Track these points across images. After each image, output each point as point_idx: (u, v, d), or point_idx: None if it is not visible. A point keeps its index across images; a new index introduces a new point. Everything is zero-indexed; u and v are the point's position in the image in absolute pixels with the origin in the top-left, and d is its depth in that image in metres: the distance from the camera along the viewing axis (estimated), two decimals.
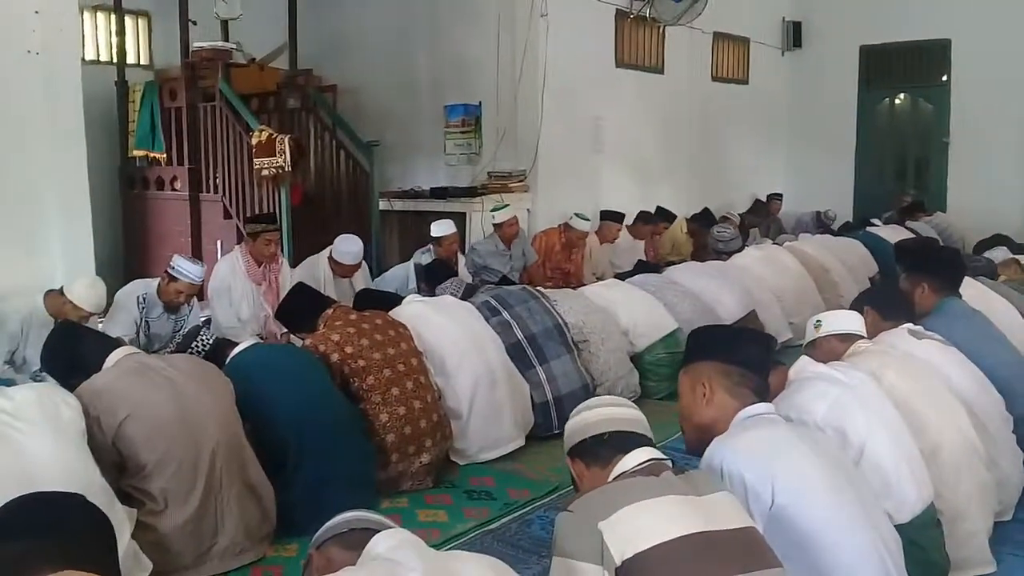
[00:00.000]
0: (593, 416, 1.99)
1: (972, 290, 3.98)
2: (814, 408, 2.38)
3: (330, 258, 5.64)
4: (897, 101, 10.96)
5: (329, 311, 3.67)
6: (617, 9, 8.41)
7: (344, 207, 7.65)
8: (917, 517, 2.36)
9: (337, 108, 8.21)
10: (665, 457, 1.90)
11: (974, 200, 9.49)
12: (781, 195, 10.19)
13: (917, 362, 2.92)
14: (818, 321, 3.08)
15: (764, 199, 10.15)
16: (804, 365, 2.57)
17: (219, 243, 6.88)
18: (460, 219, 7.28)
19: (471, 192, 7.60)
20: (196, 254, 6.55)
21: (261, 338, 4.88)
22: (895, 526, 2.25)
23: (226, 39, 7.79)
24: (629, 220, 7.91)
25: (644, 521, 1.61)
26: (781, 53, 10.99)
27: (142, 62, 8.89)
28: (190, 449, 2.75)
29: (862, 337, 3.02)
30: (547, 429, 4.07)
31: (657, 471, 1.80)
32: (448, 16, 8.11)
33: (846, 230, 8.50)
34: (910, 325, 3.21)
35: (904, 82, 10.69)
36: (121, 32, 7.71)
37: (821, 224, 9.50)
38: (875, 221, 8.90)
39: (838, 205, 10.10)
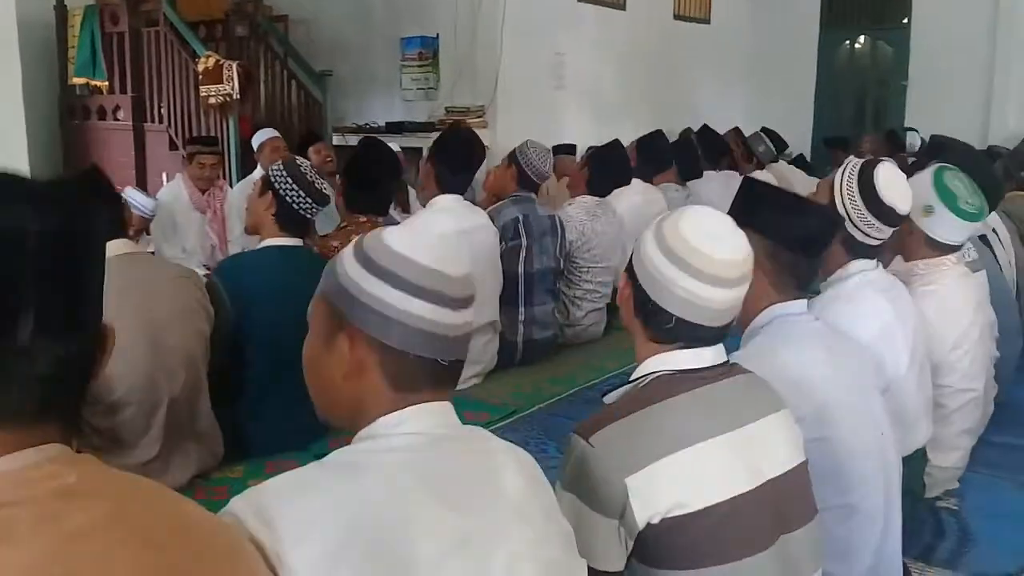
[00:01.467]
0: (691, 286, 1.42)
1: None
2: (866, 326, 2.20)
3: None
4: (857, 44, 10.92)
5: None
6: None
7: (296, 139, 7.40)
8: (912, 453, 2.34)
9: (289, 38, 7.90)
10: (725, 359, 1.52)
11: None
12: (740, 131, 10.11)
13: (974, 306, 2.71)
14: (930, 207, 2.50)
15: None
16: (867, 264, 2.30)
17: (164, 175, 6.59)
18: (417, 154, 7.08)
19: (428, 127, 7.39)
20: (141, 186, 6.27)
21: (208, 268, 4.69)
22: None
23: None
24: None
25: (679, 481, 1.36)
26: None
27: None
28: (149, 395, 2.62)
29: (954, 251, 2.63)
30: (507, 364, 4.03)
31: (712, 378, 1.48)
32: None
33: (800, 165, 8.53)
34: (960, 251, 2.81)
35: (864, 24, 10.63)
36: None
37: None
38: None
39: (797, 146, 10.07)
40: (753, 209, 1.87)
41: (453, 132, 4.10)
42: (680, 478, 1.35)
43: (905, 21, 10.16)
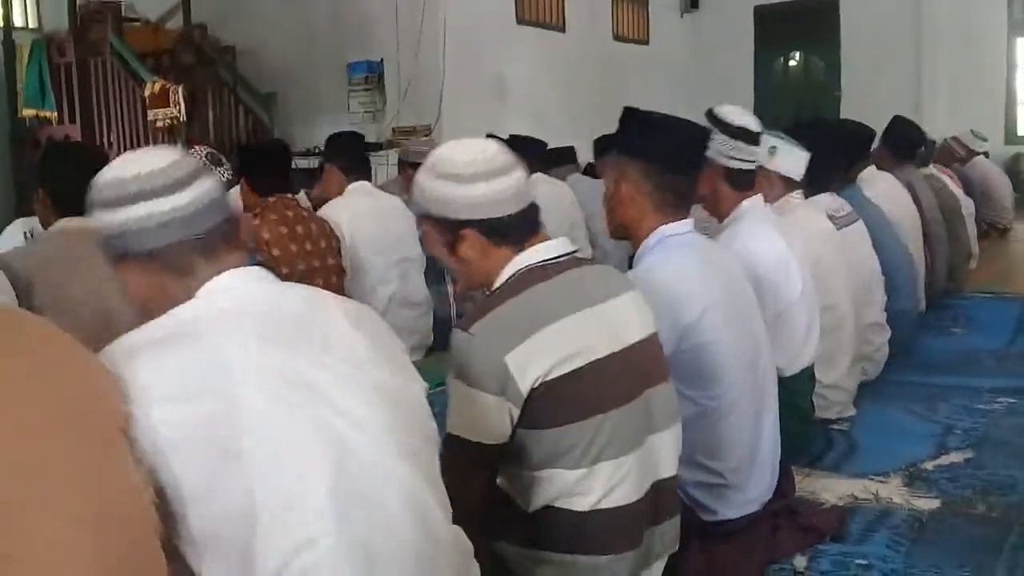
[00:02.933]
0: (489, 187, 1.55)
1: (882, 185, 4.05)
2: (764, 255, 2.40)
3: None
4: (791, 61, 11.35)
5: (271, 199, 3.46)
6: None
7: None
8: (798, 373, 2.52)
9: (237, 67, 8.10)
10: (570, 250, 1.65)
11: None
12: None
13: (833, 242, 2.98)
14: (774, 147, 2.73)
15: None
16: (757, 202, 2.52)
17: None
18: None
19: (375, 147, 7.59)
20: None
21: None
22: (783, 378, 2.37)
23: None
24: None
25: (551, 350, 1.50)
26: (680, 15, 11.24)
27: (31, 25, 8.61)
28: None
29: (799, 187, 2.90)
30: (445, 341, 4.15)
31: (566, 266, 1.62)
32: None
33: None
34: (830, 200, 3.23)
35: (797, 41, 11.06)
36: None
37: None
38: None
39: None
40: (627, 136, 2.05)
41: (338, 135, 4.32)
42: (552, 347, 1.49)
43: (835, 37, 10.60)
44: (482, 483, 1.59)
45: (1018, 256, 6.46)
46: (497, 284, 1.61)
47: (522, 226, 1.59)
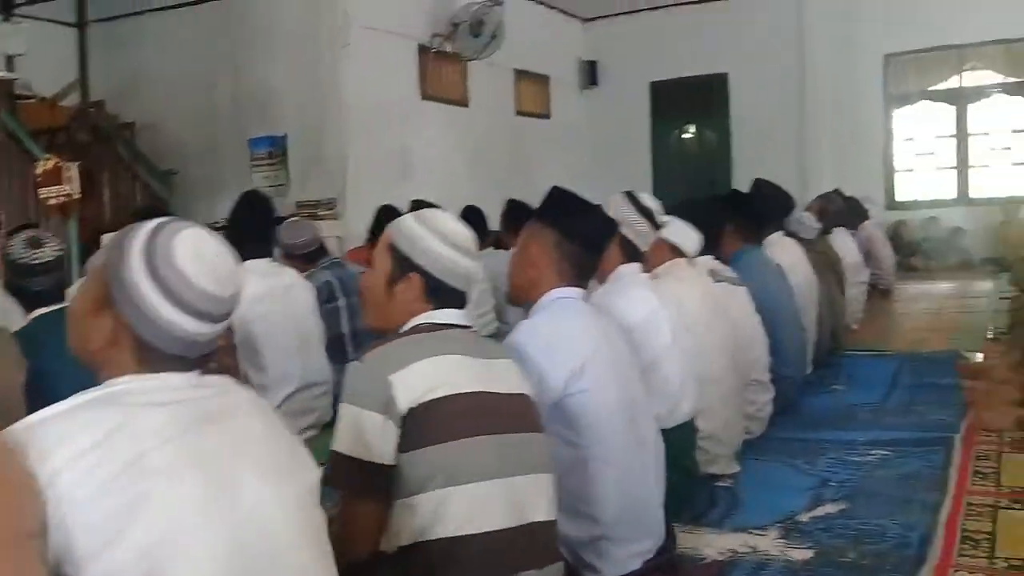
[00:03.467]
0: (458, 260, 1.80)
1: (787, 253, 4.32)
2: (634, 311, 2.58)
3: None
4: (685, 134, 11.86)
5: None
6: (419, 43, 8.70)
7: None
8: (679, 425, 2.64)
9: (136, 143, 8.03)
10: (469, 325, 1.88)
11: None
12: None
13: (717, 303, 3.18)
14: (666, 221, 2.97)
15: None
16: (633, 268, 2.71)
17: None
18: None
19: (279, 221, 7.57)
20: None
21: None
22: (664, 429, 2.49)
23: (10, 72, 7.49)
24: None
25: (432, 375, 1.67)
26: (579, 90, 11.66)
27: None
28: None
29: (686, 256, 3.14)
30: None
31: (459, 332, 1.83)
32: (248, 49, 8.13)
33: None
34: (713, 263, 3.44)
35: (691, 114, 11.59)
36: None
37: None
38: None
39: None
40: (549, 208, 2.28)
41: (241, 201, 3.99)
42: (432, 374, 1.68)
43: (725, 109, 11.15)
44: (374, 512, 1.64)
45: (897, 316, 6.81)
46: (402, 329, 1.81)
47: (453, 298, 1.82)
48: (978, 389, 3.88)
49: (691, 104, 11.42)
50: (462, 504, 1.61)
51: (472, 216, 6.13)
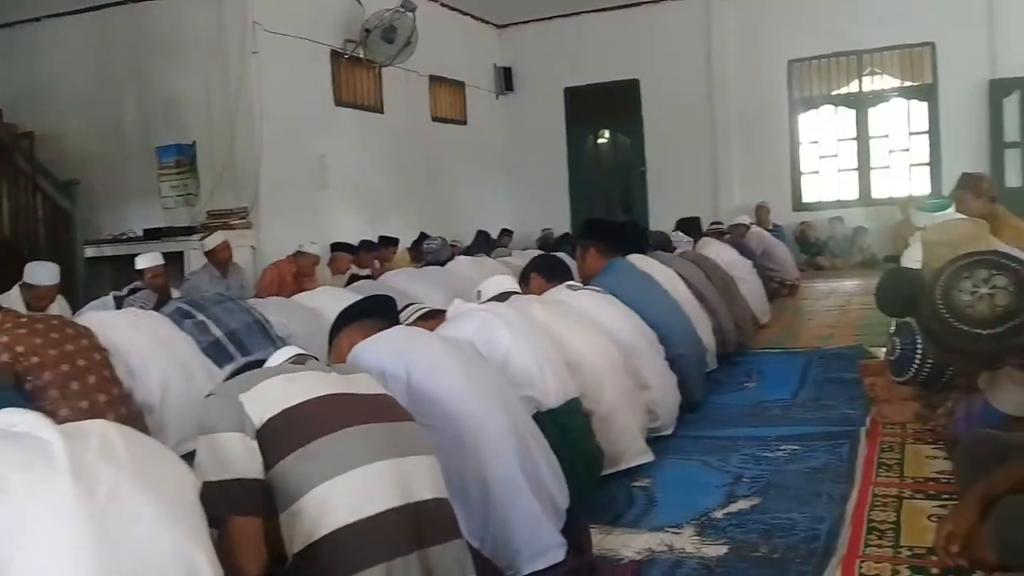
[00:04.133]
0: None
1: (643, 261, 4.51)
2: (464, 328, 2.66)
3: (22, 285, 5.27)
4: (601, 139, 12.04)
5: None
6: (332, 49, 8.61)
7: (44, 252, 7.17)
8: (562, 405, 2.67)
9: (36, 154, 7.72)
10: (313, 356, 2.02)
11: (672, 219, 10.60)
12: (511, 231, 10.75)
13: (563, 304, 3.30)
14: (479, 291, 3.33)
15: (487, 232, 10.65)
16: (458, 305, 2.82)
17: None
18: (178, 258, 7.08)
19: (189, 231, 7.41)
20: None
21: None
22: (546, 411, 2.59)
23: None
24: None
25: (285, 388, 1.73)
26: (495, 96, 11.73)
27: None
28: None
29: (518, 292, 3.33)
30: None
31: (303, 361, 1.98)
32: (154, 56, 7.94)
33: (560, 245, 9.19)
34: (570, 282, 3.63)
35: (605, 119, 11.77)
36: None
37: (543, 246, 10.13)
38: None
39: (558, 230, 10.82)
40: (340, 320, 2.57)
41: None
42: (284, 388, 1.74)
43: (637, 114, 11.36)
44: (251, 527, 1.62)
45: (804, 312, 7.03)
46: None
47: None
48: (879, 384, 4.02)
49: (605, 109, 11.61)
50: (343, 495, 1.63)
51: None
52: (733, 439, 3.50)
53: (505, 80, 11.69)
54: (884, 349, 5.12)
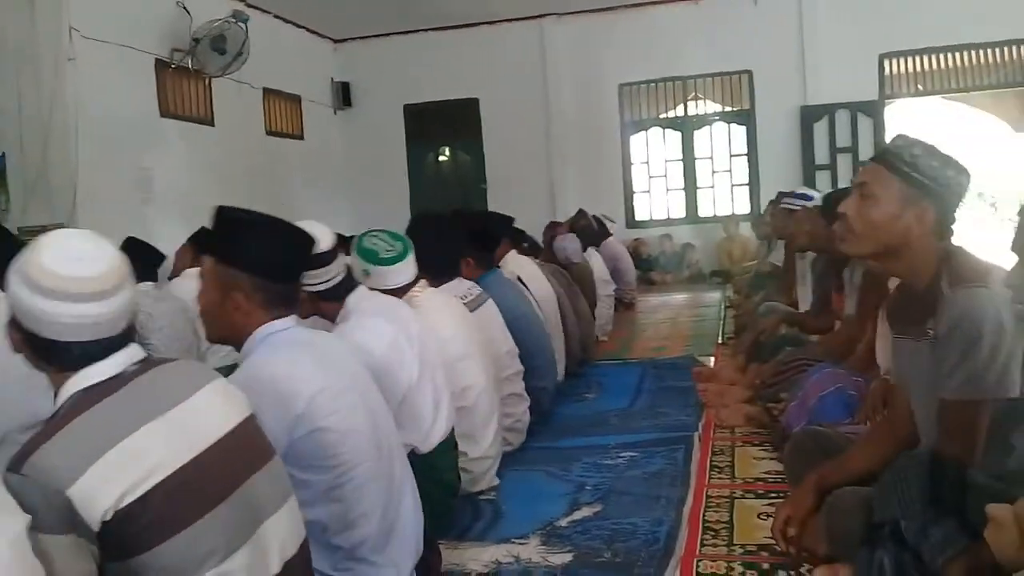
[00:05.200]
0: (65, 310, 1.44)
1: (523, 267, 4.54)
2: (373, 347, 2.46)
3: None
4: (442, 157, 12.07)
5: None
6: (157, 58, 8.20)
7: None
8: (439, 445, 2.61)
9: None
10: (142, 356, 1.56)
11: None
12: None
13: (463, 320, 3.18)
14: (364, 271, 2.86)
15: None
16: (362, 296, 2.59)
17: None
18: None
19: None
20: None
21: None
22: (421, 455, 2.52)
23: None
24: None
25: (118, 476, 1.36)
26: (333, 112, 11.53)
27: None
28: None
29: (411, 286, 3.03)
30: None
31: (133, 375, 1.51)
32: None
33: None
34: (458, 287, 3.47)
35: (445, 137, 11.82)
36: None
37: None
38: None
39: None
40: (229, 244, 1.95)
41: None
42: (120, 473, 1.36)
43: (478, 132, 11.48)
44: None
45: (640, 326, 7.28)
46: (54, 413, 1.48)
47: (93, 351, 1.48)
48: (711, 390, 4.21)
49: (445, 127, 11.65)
50: None
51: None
52: (575, 449, 3.57)
53: (343, 95, 11.52)
54: (712, 358, 5.40)
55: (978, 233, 10.90)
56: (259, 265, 1.95)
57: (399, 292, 2.90)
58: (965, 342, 1.88)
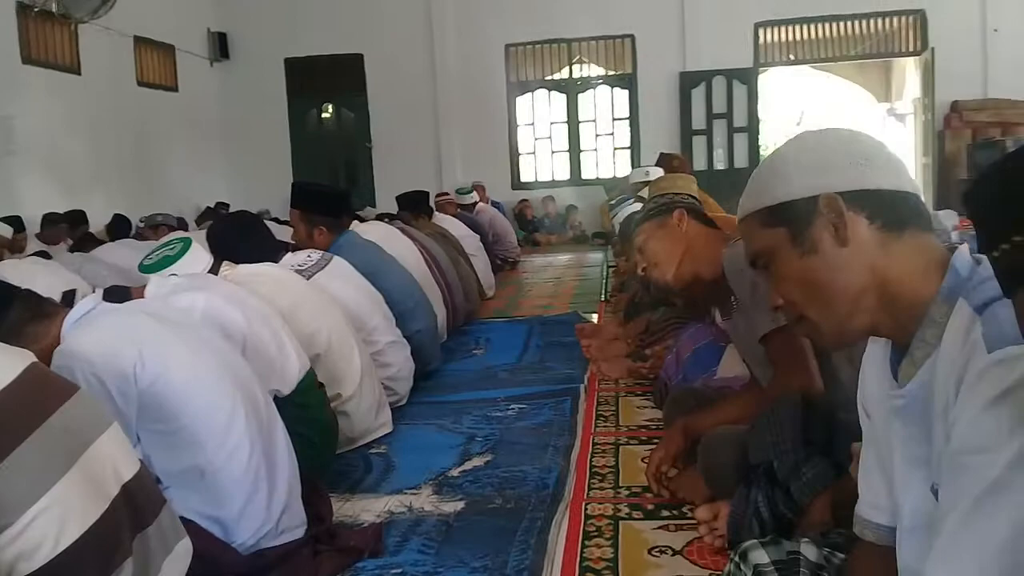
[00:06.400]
0: None
1: (377, 230, 4.51)
2: (193, 304, 2.43)
3: None
4: (325, 113, 11.81)
5: None
6: (18, 1, 7.68)
7: None
8: (299, 384, 2.59)
9: None
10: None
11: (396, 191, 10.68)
12: (228, 204, 10.24)
13: (283, 277, 3.13)
14: (174, 275, 2.72)
15: (213, 206, 10.10)
16: (158, 283, 2.56)
17: None
18: None
19: None
20: None
21: None
22: (286, 397, 2.48)
23: None
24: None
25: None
26: (210, 63, 11.10)
27: None
28: None
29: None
30: None
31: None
32: None
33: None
34: (291, 259, 3.43)
35: (328, 93, 11.55)
36: None
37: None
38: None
39: (280, 205, 10.48)
40: None
41: None
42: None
43: (362, 90, 11.27)
44: None
45: (525, 285, 7.40)
46: None
47: None
48: (594, 345, 4.34)
49: (328, 83, 11.40)
50: (41, 527, 1.42)
51: None
52: (465, 402, 3.62)
53: (220, 46, 11.10)
54: (595, 315, 5.56)
55: None
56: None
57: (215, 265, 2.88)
58: (749, 285, 2.14)
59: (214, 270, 2.84)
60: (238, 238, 3.21)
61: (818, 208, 1.10)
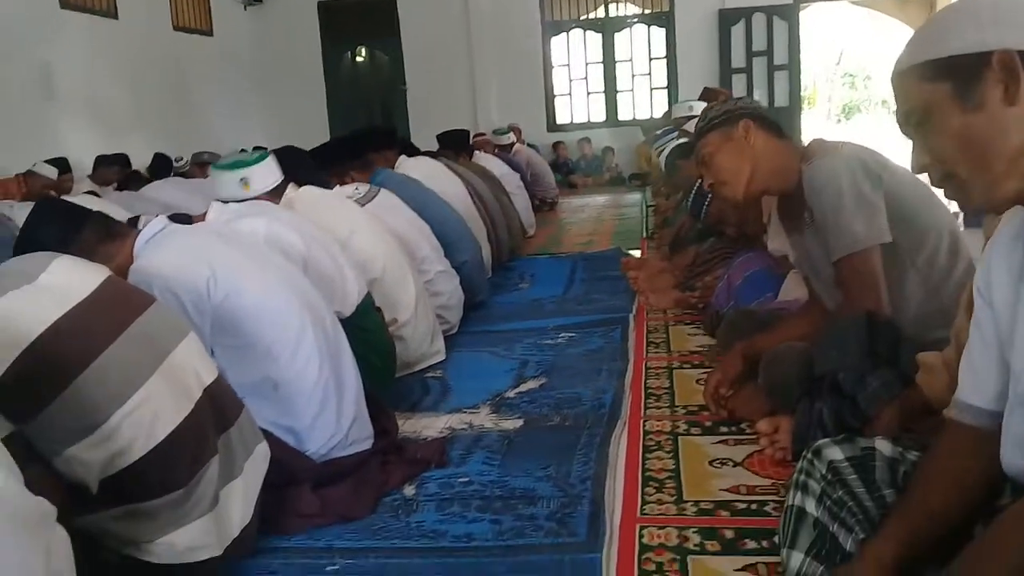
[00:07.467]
0: None
1: (423, 166, 4.52)
2: (255, 228, 2.49)
3: None
4: (359, 57, 11.74)
5: None
6: None
7: None
8: (358, 306, 2.64)
9: None
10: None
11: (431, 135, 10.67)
12: (265, 148, 10.27)
13: (342, 204, 3.20)
14: (244, 179, 2.85)
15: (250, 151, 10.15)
16: (219, 208, 2.62)
17: None
18: None
19: None
20: None
21: None
22: (346, 319, 2.52)
23: None
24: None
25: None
26: (243, 7, 11.05)
27: None
28: None
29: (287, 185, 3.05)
30: None
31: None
32: None
33: None
34: (347, 190, 3.49)
35: (362, 36, 11.48)
36: None
37: None
38: None
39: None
40: None
41: None
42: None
43: (396, 33, 11.18)
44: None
45: (564, 224, 7.39)
46: None
47: None
48: (641, 278, 4.34)
49: (362, 27, 11.32)
50: (132, 427, 1.52)
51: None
52: (515, 331, 3.66)
53: None
54: (638, 251, 5.55)
55: (882, 139, 11.31)
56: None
57: (269, 197, 2.89)
58: (830, 205, 2.09)
59: (281, 188, 2.89)
60: (304, 164, 3.27)
61: (991, 64, 1.06)
